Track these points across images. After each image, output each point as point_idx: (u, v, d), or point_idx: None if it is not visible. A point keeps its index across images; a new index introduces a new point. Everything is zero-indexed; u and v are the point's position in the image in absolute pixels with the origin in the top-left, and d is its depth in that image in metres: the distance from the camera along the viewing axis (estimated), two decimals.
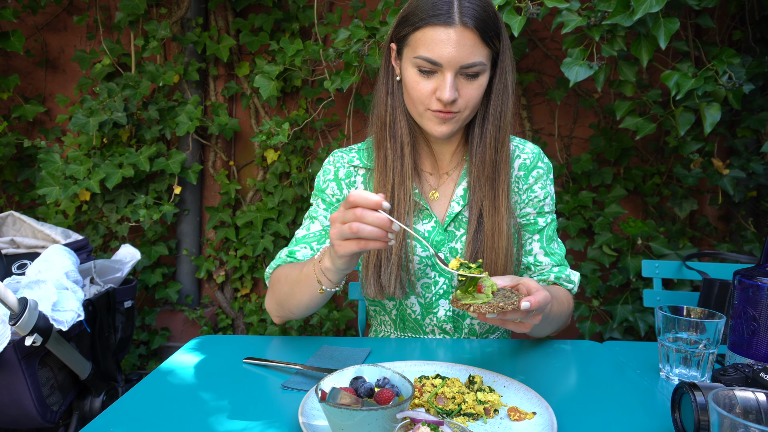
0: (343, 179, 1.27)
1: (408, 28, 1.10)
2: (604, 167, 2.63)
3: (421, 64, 1.08)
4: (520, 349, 1.13)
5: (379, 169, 1.19)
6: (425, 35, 1.06)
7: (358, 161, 1.27)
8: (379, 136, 1.20)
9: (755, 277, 0.97)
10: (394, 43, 1.16)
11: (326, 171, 1.29)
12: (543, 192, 1.26)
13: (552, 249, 1.26)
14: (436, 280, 1.24)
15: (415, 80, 1.10)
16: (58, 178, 2.44)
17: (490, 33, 1.07)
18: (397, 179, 1.17)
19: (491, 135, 1.17)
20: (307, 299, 1.10)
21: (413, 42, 1.09)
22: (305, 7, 2.63)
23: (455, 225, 1.23)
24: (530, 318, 0.88)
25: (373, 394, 0.76)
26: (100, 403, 1.87)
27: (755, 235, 2.49)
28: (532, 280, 0.90)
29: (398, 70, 1.17)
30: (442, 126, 1.12)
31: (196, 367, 1.02)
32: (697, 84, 1.92)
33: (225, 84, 2.77)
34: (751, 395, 0.63)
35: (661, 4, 1.72)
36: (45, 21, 2.78)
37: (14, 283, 1.67)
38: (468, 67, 1.06)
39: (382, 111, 1.20)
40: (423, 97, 1.10)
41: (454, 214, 1.22)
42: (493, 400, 0.82)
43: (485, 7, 1.06)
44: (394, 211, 1.16)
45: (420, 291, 1.24)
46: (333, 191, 1.27)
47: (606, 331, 2.54)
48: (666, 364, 0.99)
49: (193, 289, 2.85)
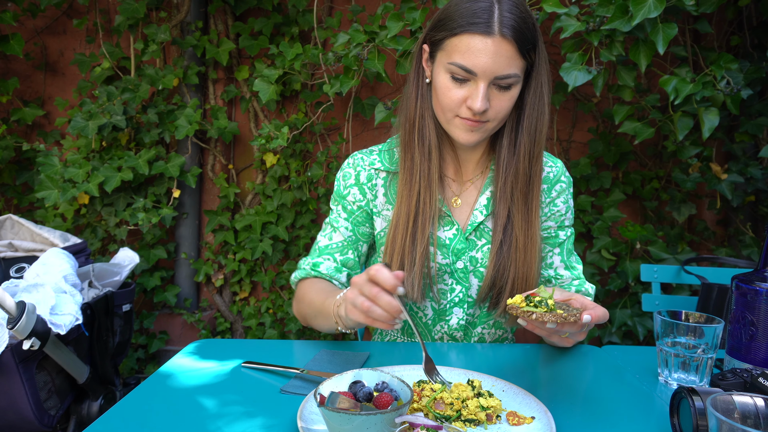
0: (365, 183, 1.25)
1: (444, 32, 1.08)
2: (603, 171, 2.63)
3: (455, 70, 1.06)
4: (519, 353, 1.13)
5: (406, 171, 1.18)
6: (462, 42, 1.04)
7: (379, 164, 1.25)
8: (407, 138, 1.19)
9: (753, 282, 0.97)
10: (427, 45, 1.14)
11: (347, 175, 1.26)
12: (565, 206, 1.26)
13: (571, 263, 1.27)
14: (452, 287, 1.23)
15: (446, 86, 1.08)
16: (56, 182, 2.44)
17: (528, 45, 1.05)
18: (423, 183, 1.16)
19: (525, 148, 1.15)
20: (327, 328, 1.13)
21: (449, 47, 1.07)
22: (305, 11, 2.63)
23: (477, 234, 1.22)
24: (578, 334, 0.89)
25: (371, 399, 0.76)
26: (97, 407, 1.86)
27: (753, 239, 2.50)
28: (584, 296, 0.91)
29: (429, 73, 1.15)
30: (469, 134, 1.11)
31: (194, 371, 1.01)
32: (695, 89, 1.93)
33: (224, 87, 2.78)
34: (750, 400, 0.63)
35: (659, 10, 1.73)
36: (45, 24, 2.78)
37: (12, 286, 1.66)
38: (502, 78, 1.05)
39: (411, 113, 1.18)
40: (453, 104, 1.08)
41: (477, 223, 1.21)
42: (495, 406, 0.82)
43: (525, 19, 1.04)
44: (419, 216, 1.15)
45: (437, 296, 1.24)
46: (355, 197, 1.25)
47: (605, 336, 2.54)
48: (665, 368, 0.99)
49: (191, 293, 2.84)
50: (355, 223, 1.25)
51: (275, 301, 2.78)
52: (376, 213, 1.25)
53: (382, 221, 1.25)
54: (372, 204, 1.25)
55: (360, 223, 1.26)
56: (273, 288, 2.81)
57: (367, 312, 0.88)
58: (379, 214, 1.25)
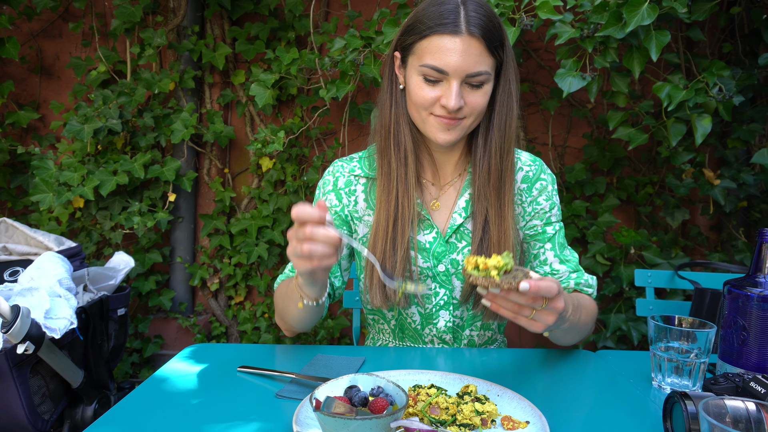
0: (343, 188, 1.26)
1: (413, 36, 1.10)
2: (598, 177, 2.65)
3: (427, 72, 1.07)
4: (514, 358, 1.14)
5: (383, 177, 1.19)
6: (431, 43, 1.06)
7: (359, 170, 1.27)
8: (382, 144, 1.20)
9: (744, 288, 0.98)
10: (398, 52, 1.16)
11: (326, 182, 1.28)
12: (548, 204, 1.26)
13: (565, 256, 1.25)
14: (436, 291, 1.23)
15: (420, 87, 1.09)
16: (51, 185, 2.44)
17: (495, 43, 1.07)
18: (401, 188, 1.17)
19: (496, 144, 1.17)
20: (297, 314, 1.11)
21: (419, 50, 1.09)
22: (301, 16, 2.64)
23: (457, 237, 1.22)
24: (543, 315, 0.88)
25: (367, 403, 0.77)
26: (92, 411, 1.85)
27: (746, 244, 2.52)
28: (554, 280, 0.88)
29: (402, 79, 1.17)
30: (446, 133, 1.12)
31: (189, 376, 1.01)
32: (688, 95, 1.95)
33: (220, 92, 2.78)
34: (741, 404, 0.64)
35: (652, 17, 1.75)
36: (40, 27, 2.78)
37: (6, 290, 1.66)
38: (474, 76, 1.06)
39: (386, 119, 1.19)
40: (427, 104, 1.10)
41: (456, 225, 1.21)
42: (491, 410, 0.83)
43: (491, 18, 1.07)
44: (398, 220, 1.16)
45: (421, 301, 1.24)
46: (330, 203, 1.26)
47: (599, 340, 2.55)
48: (658, 373, 0.99)
49: (186, 297, 2.84)
50: None
51: (270, 306, 2.78)
52: (357, 218, 1.26)
53: (363, 227, 1.26)
54: (350, 209, 1.26)
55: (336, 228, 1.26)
56: (268, 292, 2.81)
57: (310, 254, 0.86)
58: (360, 220, 1.26)
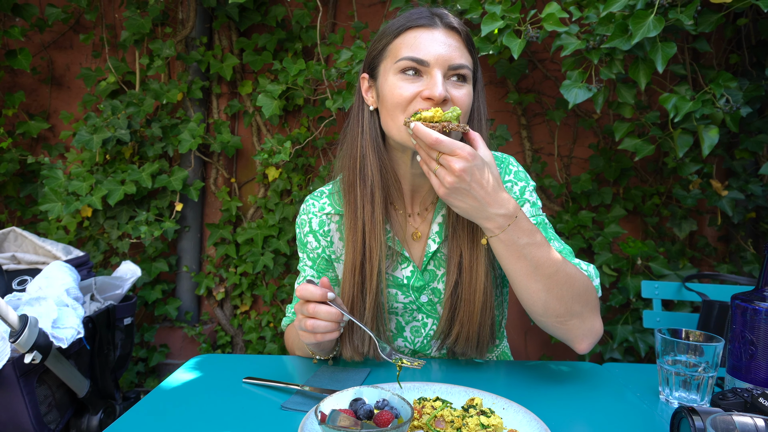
0: (317, 230, 1.21)
1: (385, 39, 1.05)
2: (604, 187, 2.64)
3: (405, 65, 1.00)
4: (520, 371, 1.13)
5: (349, 215, 1.12)
6: (407, 37, 1.01)
7: (329, 207, 1.20)
8: (351, 179, 1.12)
9: (753, 301, 0.97)
10: (366, 72, 1.11)
11: (302, 223, 1.22)
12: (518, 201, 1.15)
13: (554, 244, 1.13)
14: (424, 322, 1.20)
15: (396, 86, 1.01)
16: (60, 194, 2.46)
17: (470, 45, 1.06)
18: (367, 226, 1.09)
19: None
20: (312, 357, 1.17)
21: (394, 49, 1.02)
22: (308, 27, 2.67)
23: (435, 264, 1.17)
24: (442, 171, 0.90)
25: (372, 416, 0.77)
26: (97, 421, 1.85)
27: (755, 256, 2.50)
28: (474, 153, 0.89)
29: (372, 98, 1.10)
30: None
31: (195, 387, 1.02)
32: (695, 107, 1.95)
33: (228, 102, 2.80)
34: (750, 420, 0.64)
35: (658, 29, 1.75)
36: (52, 39, 2.82)
37: (15, 299, 1.67)
38: (456, 68, 1.00)
39: (354, 151, 1.11)
40: (405, 101, 1.00)
41: (431, 252, 1.15)
42: (497, 424, 0.82)
43: (462, 22, 1.06)
44: (367, 262, 1.09)
45: (410, 336, 1.22)
46: (312, 246, 1.22)
47: (606, 352, 2.54)
48: (666, 387, 0.99)
49: (192, 306, 2.84)
50: (320, 270, 1.23)
51: (276, 315, 2.78)
52: (336, 259, 1.22)
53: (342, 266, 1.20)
54: (329, 250, 1.21)
55: (323, 270, 1.23)
56: (274, 302, 2.81)
57: (313, 330, 0.94)
58: (339, 260, 1.22)
